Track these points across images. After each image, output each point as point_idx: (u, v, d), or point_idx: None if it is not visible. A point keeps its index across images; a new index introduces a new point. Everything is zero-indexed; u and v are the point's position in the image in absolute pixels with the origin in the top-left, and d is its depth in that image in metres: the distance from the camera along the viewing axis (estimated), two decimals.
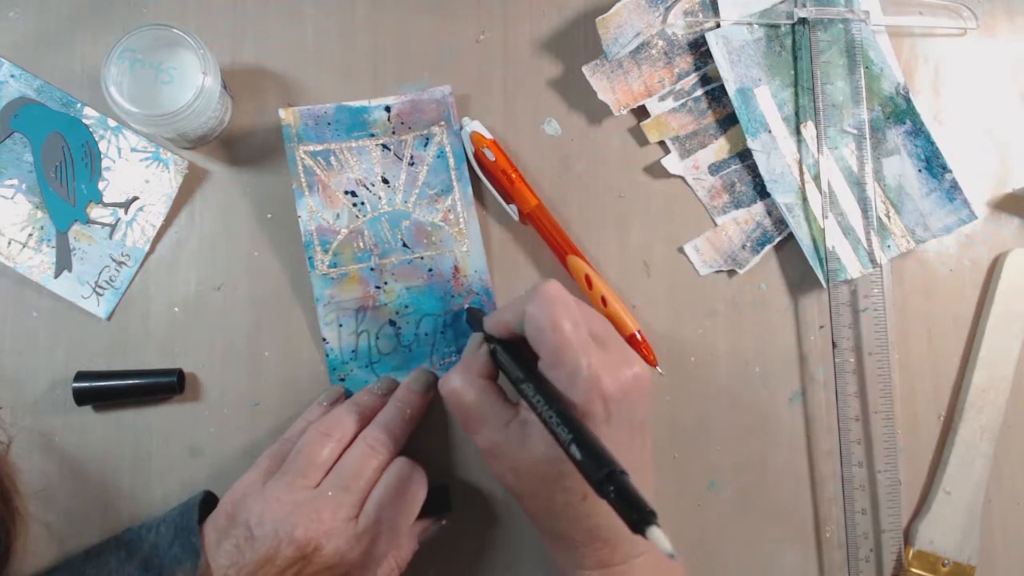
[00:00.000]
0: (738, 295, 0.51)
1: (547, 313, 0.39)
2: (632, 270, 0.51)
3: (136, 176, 0.49)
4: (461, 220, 0.50)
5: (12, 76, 0.49)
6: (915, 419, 0.51)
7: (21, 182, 0.49)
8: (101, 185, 0.49)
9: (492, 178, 0.49)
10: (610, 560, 0.40)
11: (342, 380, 0.49)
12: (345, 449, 0.44)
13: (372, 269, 0.49)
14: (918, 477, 0.51)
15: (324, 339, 0.49)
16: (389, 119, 0.50)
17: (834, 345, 0.50)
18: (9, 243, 0.48)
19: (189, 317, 0.49)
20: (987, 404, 0.50)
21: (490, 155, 0.49)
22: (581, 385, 0.38)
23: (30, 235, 0.48)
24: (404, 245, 0.49)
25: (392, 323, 0.49)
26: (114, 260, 0.49)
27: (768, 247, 0.51)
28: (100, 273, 0.49)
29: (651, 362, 0.49)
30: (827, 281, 0.50)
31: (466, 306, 0.49)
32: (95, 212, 0.49)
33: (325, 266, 0.49)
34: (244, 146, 0.50)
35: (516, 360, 0.41)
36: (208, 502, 0.44)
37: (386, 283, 0.49)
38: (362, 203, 0.49)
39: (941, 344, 0.52)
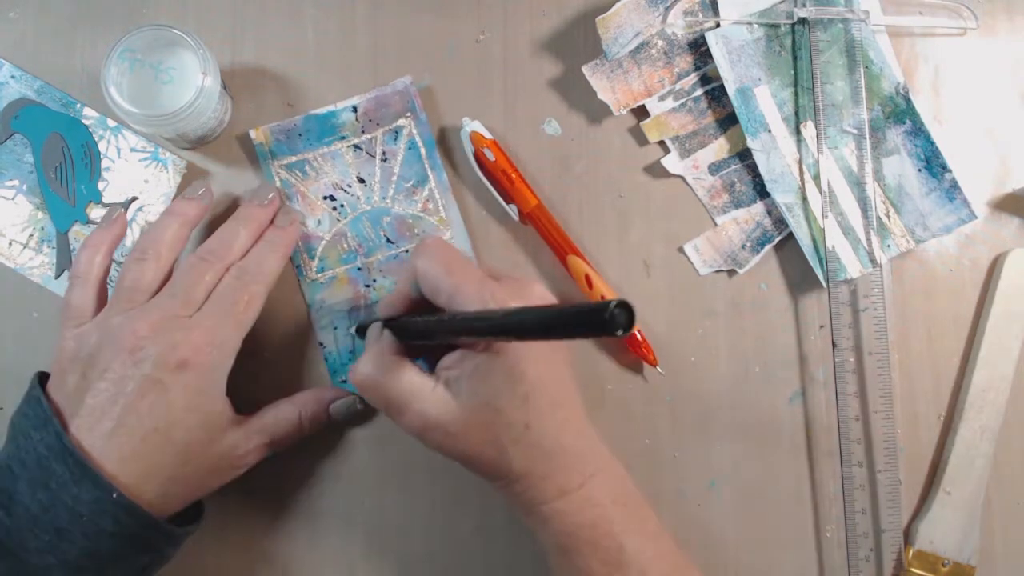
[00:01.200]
0: (738, 295, 0.51)
1: (438, 260, 0.40)
2: (632, 270, 0.51)
3: (135, 176, 0.49)
4: (441, 208, 0.50)
5: (12, 77, 0.49)
6: (915, 419, 0.51)
7: (22, 183, 0.49)
8: (101, 185, 0.49)
9: (492, 178, 0.49)
10: (568, 484, 0.40)
11: (344, 383, 0.49)
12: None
13: (359, 269, 0.49)
14: (918, 477, 0.51)
15: (321, 343, 0.49)
16: (357, 119, 0.50)
17: (834, 345, 0.50)
18: (10, 244, 0.48)
19: None
20: (987, 404, 0.50)
21: (490, 155, 0.49)
22: None
23: (31, 236, 0.49)
24: (388, 241, 0.50)
25: None
26: (114, 260, 0.49)
27: (768, 247, 0.51)
28: None
29: (651, 362, 0.49)
30: (827, 281, 0.50)
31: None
32: (95, 212, 0.49)
33: (313, 272, 0.49)
34: (244, 146, 0.50)
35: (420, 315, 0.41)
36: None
37: (375, 280, 0.49)
38: (341, 206, 0.50)
39: (941, 344, 0.52)
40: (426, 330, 0.41)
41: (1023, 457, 0.51)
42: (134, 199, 0.49)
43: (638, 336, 0.49)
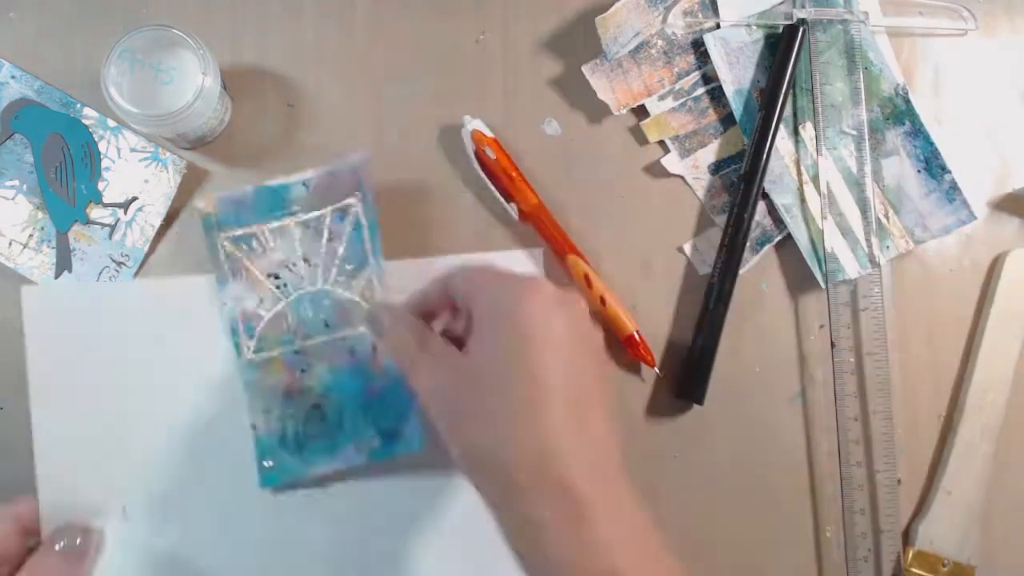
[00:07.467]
0: (738, 295, 0.51)
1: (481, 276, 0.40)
2: (632, 270, 0.51)
3: (135, 176, 0.49)
4: (376, 295, 0.48)
5: (12, 77, 0.49)
6: (915, 419, 0.51)
7: (22, 183, 0.49)
8: (101, 185, 0.49)
9: (492, 176, 0.49)
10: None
11: (269, 467, 0.47)
12: None
13: (296, 352, 0.47)
14: (918, 477, 0.51)
15: (253, 425, 0.47)
16: (308, 195, 0.48)
17: (833, 345, 0.50)
18: (10, 244, 0.48)
19: None
20: (987, 404, 0.50)
21: (491, 153, 0.49)
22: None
23: (30, 236, 0.49)
24: (326, 325, 0.48)
25: (317, 406, 0.47)
26: (114, 260, 0.49)
27: (768, 247, 0.51)
28: (100, 273, 0.49)
29: (649, 363, 0.49)
30: (825, 281, 0.50)
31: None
32: (95, 212, 0.49)
33: (251, 352, 0.47)
34: (243, 146, 0.50)
35: None
36: None
37: (310, 365, 0.47)
38: (285, 285, 0.48)
39: (941, 344, 0.52)
40: None
41: (1023, 457, 0.51)
42: (134, 199, 0.49)
43: (636, 337, 0.49)
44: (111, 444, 0.47)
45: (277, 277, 0.48)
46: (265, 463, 0.47)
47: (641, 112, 0.52)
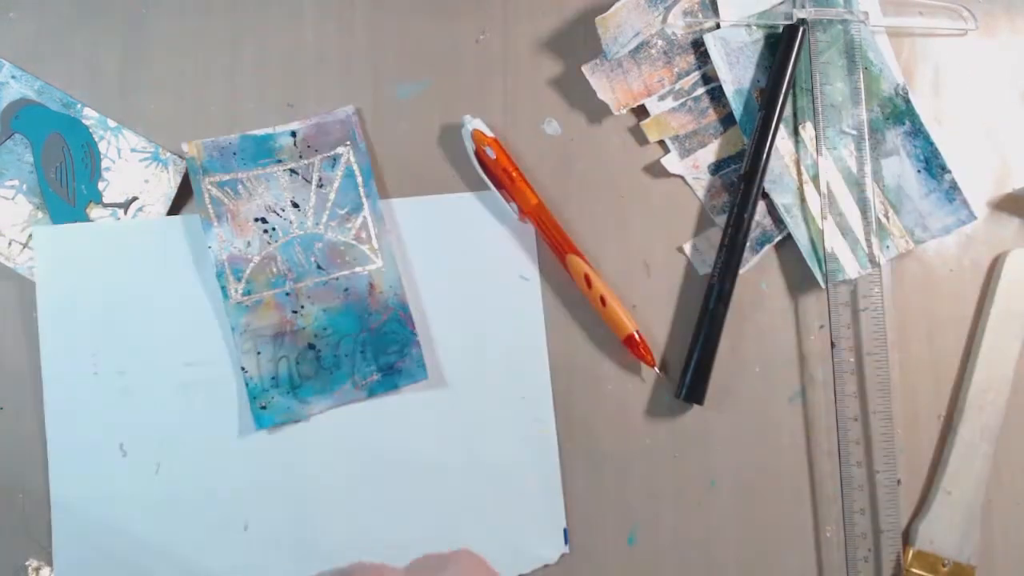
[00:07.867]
0: (738, 295, 0.51)
1: None
2: (632, 270, 0.51)
3: (136, 176, 0.49)
4: (373, 237, 0.49)
5: (13, 77, 0.49)
6: (915, 419, 0.51)
7: (22, 183, 0.49)
8: (101, 185, 0.49)
9: (493, 176, 0.49)
10: None
11: (263, 408, 0.47)
12: None
13: (288, 294, 0.48)
14: (918, 477, 0.51)
15: (243, 368, 0.47)
16: (295, 144, 0.49)
17: (833, 345, 0.50)
18: (9, 244, 0.48)
19: None
20: (987, 404, 0.50)
21: (491, 153, 0.49)
22: None
23: (31, 236, 0.49)
24: (318, 267, 0.49)
25: (312, 346, 0.48)
26: None
27: (768, 247, 0.51)
28: None
29: (649, 363, 0.49)
30: (825, 281, 0.50)
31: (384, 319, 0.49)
32: (95, 213, 0.49)
33: (239, 295, 0.48)
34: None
35: None
36: None
37: (303, 307, 0.48)
38: (273, 228, 0.49)
39: (941, 344, 0.52)
40: None
41: (1023, 457, 0.51)
42: (134, 199, 0.49)
43: (636, 337, 0.49)
44: (110, 382, 0.47)
45: (264, 221, 0.49)
46: (259, 404, 0.47)
47: (641, 112, 0.52)
